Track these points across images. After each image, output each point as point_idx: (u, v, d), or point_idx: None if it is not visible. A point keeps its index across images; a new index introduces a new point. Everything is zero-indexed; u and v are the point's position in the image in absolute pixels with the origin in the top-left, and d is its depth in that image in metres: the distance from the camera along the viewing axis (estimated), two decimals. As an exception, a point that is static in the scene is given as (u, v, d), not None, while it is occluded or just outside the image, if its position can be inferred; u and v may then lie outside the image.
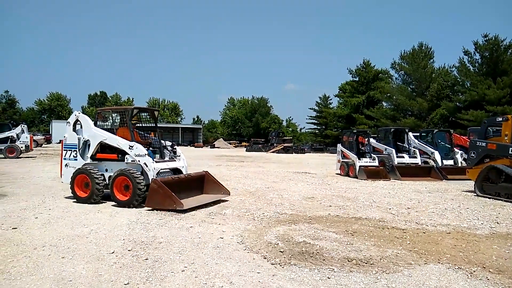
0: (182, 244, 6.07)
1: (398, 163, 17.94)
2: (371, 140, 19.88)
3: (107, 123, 10.63)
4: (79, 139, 10.10)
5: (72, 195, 9.78)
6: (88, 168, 9.59)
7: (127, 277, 4.61)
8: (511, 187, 11.12)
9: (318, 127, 71.62)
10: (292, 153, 46.51)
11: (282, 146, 48.23)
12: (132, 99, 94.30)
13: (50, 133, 66.02)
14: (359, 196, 11.51)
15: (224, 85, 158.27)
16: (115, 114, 10.55)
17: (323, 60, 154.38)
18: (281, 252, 5.64)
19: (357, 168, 17.31)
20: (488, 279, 4.73)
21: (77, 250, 5.65)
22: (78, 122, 10.31)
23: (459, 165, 18.41)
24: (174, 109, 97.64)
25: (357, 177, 17.09)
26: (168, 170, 9.91)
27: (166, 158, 10.36)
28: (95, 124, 10.23)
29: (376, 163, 17.60)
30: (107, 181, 9.57)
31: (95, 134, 9.93)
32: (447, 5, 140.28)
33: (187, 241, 6.25)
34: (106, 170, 9.86)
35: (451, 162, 18.90)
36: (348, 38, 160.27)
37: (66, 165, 10.29)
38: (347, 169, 18.23)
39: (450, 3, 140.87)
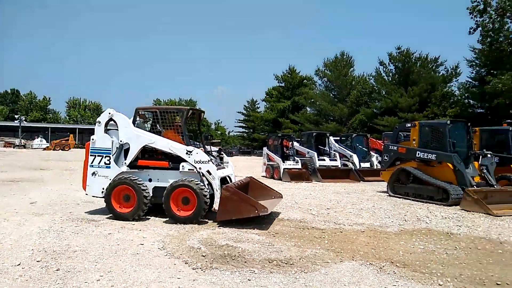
0: (99, 252, 5.77)
1: (319, 165, 18.80)
2: (295, 143, 20.59)
3: (146, 124, 9.11)
4: (112, 142, 8.55)
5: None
6: (132, 178, 8.14)
7: (33, 290, 4.25)
8: (418, 187, 12.18)
9: (246, 131, 72.56)
10: (220, 156, 46.42)
11: (210, 149, 47.93)
12: (49, 98, 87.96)
13: None
14: (283, 198, 11.79)
15: (151, 86, 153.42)
16: (151, 115, 9.06)
17: (252, 64, 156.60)
18: (203, 256, 5.59)
19: (282, 170, 17.83)
20: (395, 273, 5.11)
21: (-25, 264, 5.09)
22: (112, 122, 8.70)
23: (375, 167, 19.77)
24: (96, 109, 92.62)
25: (281, 179, 17.61)
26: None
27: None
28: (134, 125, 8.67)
29: (299, 166, 18.30)
30: (150, 193, 8.25)
31: (137, 137, 8.39)
32: (367, 17, 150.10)
33: (104, 248, 5.95)
34: (150, 180, 8.42)
35: (367, 164, 20.26)
36: (275, 44, 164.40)
37: (93, 173, 8.54)
38: (272, 172, 18.68)
39: (369, 16, 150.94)
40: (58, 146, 52.44)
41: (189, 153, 8.09)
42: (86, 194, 8.80)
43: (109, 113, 8.62)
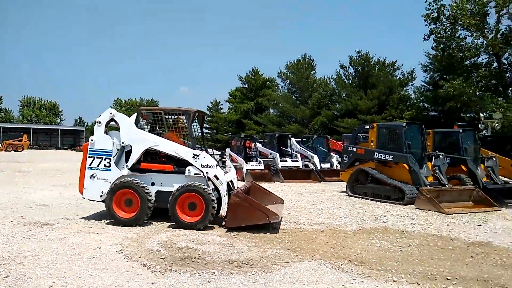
0: (53, 256, 5.54)
1: (281, 166, 19.01)
2: (258, 144, 20.72)
3: (146, 126, 8.62)
4: (113, 143, 8.11)
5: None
6: (136, 181, 7.75)
7: (-21, 299, 4.02)
8: (376, 187, 12.57)
9: (210, 132, 72.11)
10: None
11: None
12: (1, 96, 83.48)
13: None
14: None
15: (111, 85, 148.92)
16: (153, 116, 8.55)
17: (215, 64, 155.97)
18: (163, 259, 5.50)
19: (244, 171, 17.86)
20: (352, 271, 5.25)
21: None
22: (113, 123, 8.31)
23: (335, 168, 20.22)
24: (52, 109, 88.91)
25: (244, 180, 17.58)
26: None
27: None
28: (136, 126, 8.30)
29: (262, 167, 18.43)
30: (153, 197, 7.86)
31: (140, 139, 8.03)
32: (328, 21, 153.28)
33: (58, 253, 5.72)
34: (153, 184, 8.06)
35: (328, 165, 20.69)
36: (239, 44, 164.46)
37: (92, 176, 8.09)
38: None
39: (331, 20, 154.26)
40: (11, 147, 49.88)
41: (196, 156, 7.82)
42: (83, 197, 8.37)
43: (111, 113, 8.25)
